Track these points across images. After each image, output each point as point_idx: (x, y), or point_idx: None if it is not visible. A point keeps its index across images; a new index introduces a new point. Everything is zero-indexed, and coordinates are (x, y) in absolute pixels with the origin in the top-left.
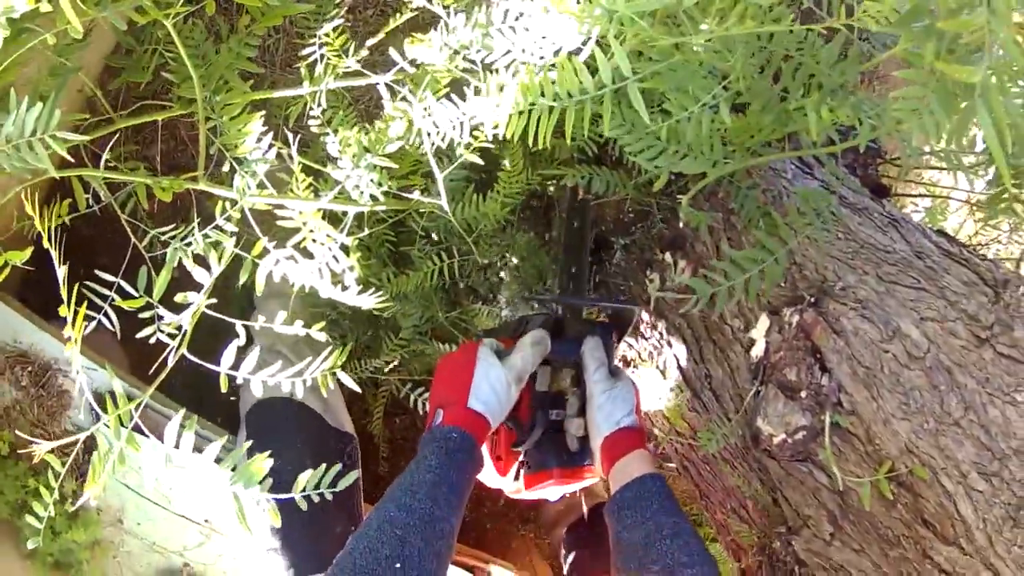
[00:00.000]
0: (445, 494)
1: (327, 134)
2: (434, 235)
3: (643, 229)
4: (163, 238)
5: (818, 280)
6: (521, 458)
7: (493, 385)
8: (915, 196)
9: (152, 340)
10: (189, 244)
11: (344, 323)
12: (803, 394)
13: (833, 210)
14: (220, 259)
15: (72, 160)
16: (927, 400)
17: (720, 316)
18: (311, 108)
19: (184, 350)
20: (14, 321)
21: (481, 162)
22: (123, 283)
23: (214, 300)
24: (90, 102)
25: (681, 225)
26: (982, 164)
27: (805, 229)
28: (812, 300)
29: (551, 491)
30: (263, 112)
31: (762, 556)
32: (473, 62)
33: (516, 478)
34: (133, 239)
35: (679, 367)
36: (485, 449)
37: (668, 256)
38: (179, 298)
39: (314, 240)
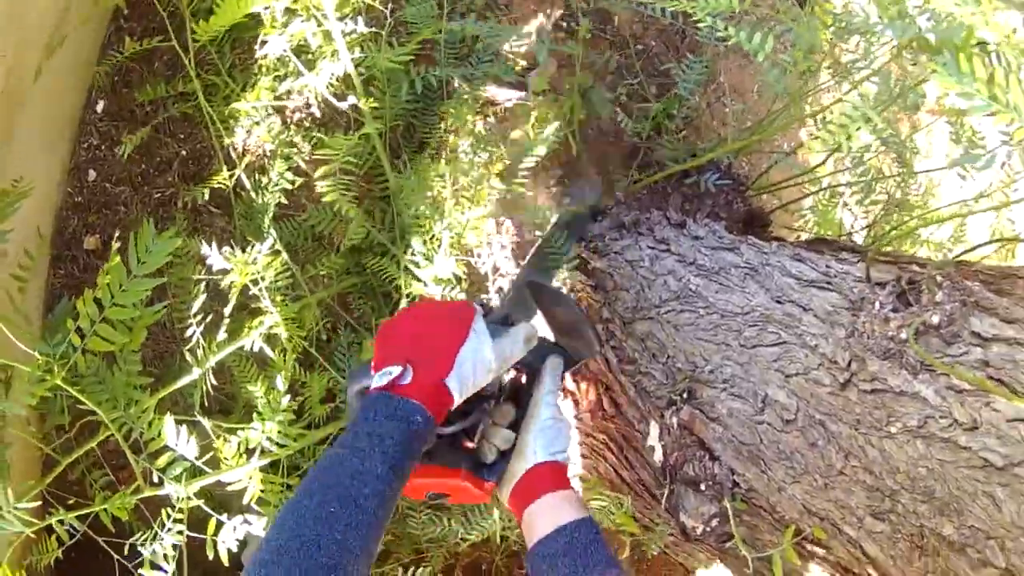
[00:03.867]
0: (393, 493)
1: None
2: None
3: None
4: (137, 546)
5: (689, 369)
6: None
7: (476, 366)
8: (799, 200)
9: None
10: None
11: None
12: (703, 486)
13: (691, 286)
14: (171, 559)
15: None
16: (809, 459)
17: (628, 424)
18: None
19: None
20: None
21: None
22: None
23: None
24: (45, 436)
25: None
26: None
27: (668, 317)
28: (685, 396)
29: (437, 490)
30: (169, 413)
31: None
32: None
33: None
34: (114, 554)
35: (618, 476)
36: None
37: (570, 381)
38: None
39: (262, 491)
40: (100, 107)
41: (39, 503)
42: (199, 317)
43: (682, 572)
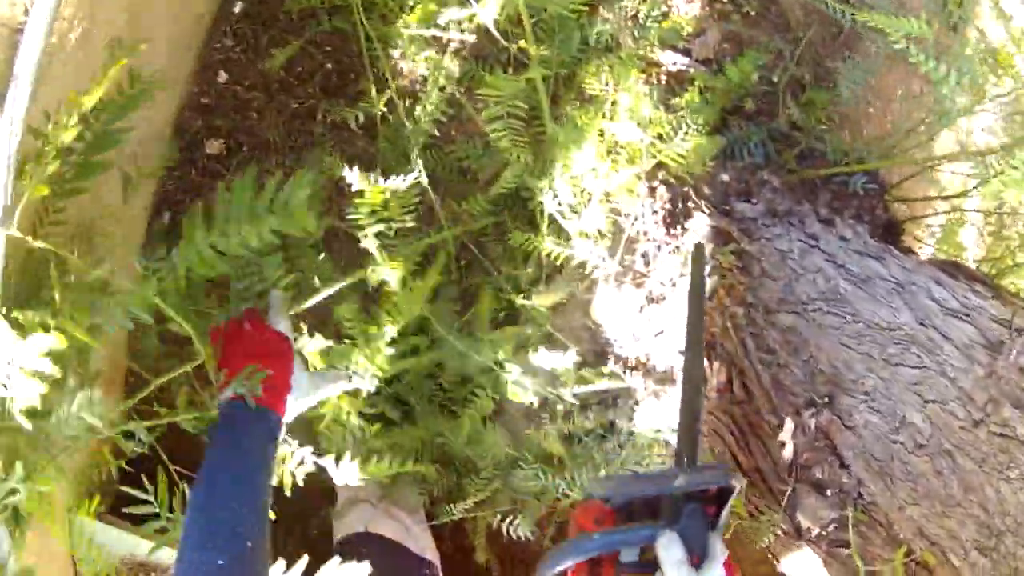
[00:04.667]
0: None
1: None
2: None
3: None
4: None
5: (831, 373)
6: None
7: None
8: (929, 216)
9: None
10: None
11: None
12: (828, 492)
13: (840, 290)
14: None
15: None
16: (933, 485)
17: (757, 412)
18: None
19: None
20: (126, 538)
21: None
22: None
23: None
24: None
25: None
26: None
27: (815, 316)
28: (826, 400)
29: None
30: None
31: None
32: None
33: None
34: None
35: (734, 459)
36: None
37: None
38: None
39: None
40: (238, 7)
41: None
42: None
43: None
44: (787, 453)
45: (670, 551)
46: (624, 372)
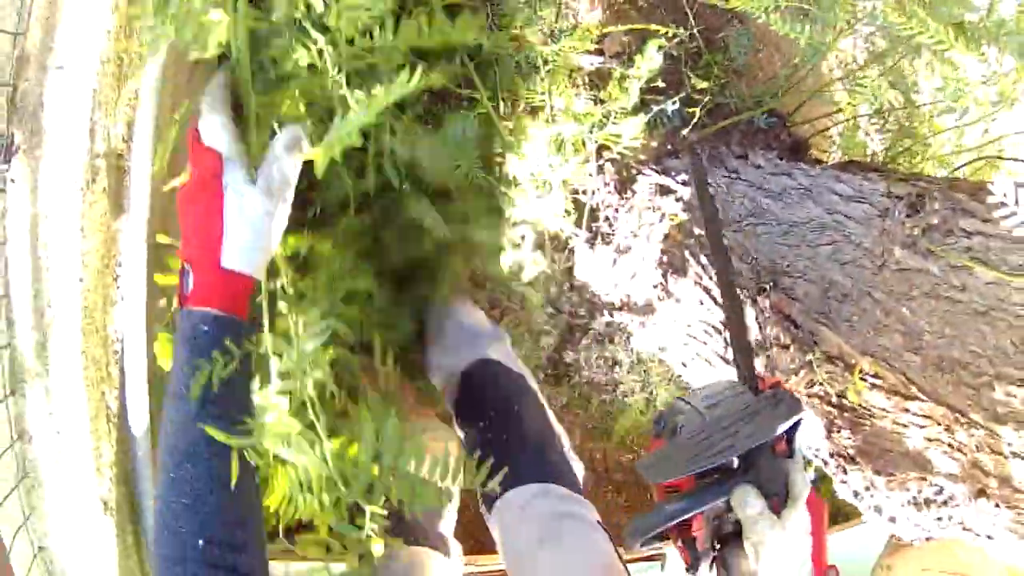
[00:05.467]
0: (220, 420)
1: None
2: None
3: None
4: None
5: (771, 266)
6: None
7: (252, 223)
8: (829, 128)
9: None
10: None
11: None
12: (792, 348)
13: (763, 206)
14: None
15: None
16: (863, 319)
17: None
18: None
19: None
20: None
21: None
22: None
23: None
24: None
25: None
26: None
27: (748, 230)
28: (772, 284)
29: None
30: None
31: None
32: None
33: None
34: None
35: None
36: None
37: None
38: None
39: None
40: None
41: None
42: None
43: None
44: (754, 332)
45: (746, 507)
46: (613, 314)
